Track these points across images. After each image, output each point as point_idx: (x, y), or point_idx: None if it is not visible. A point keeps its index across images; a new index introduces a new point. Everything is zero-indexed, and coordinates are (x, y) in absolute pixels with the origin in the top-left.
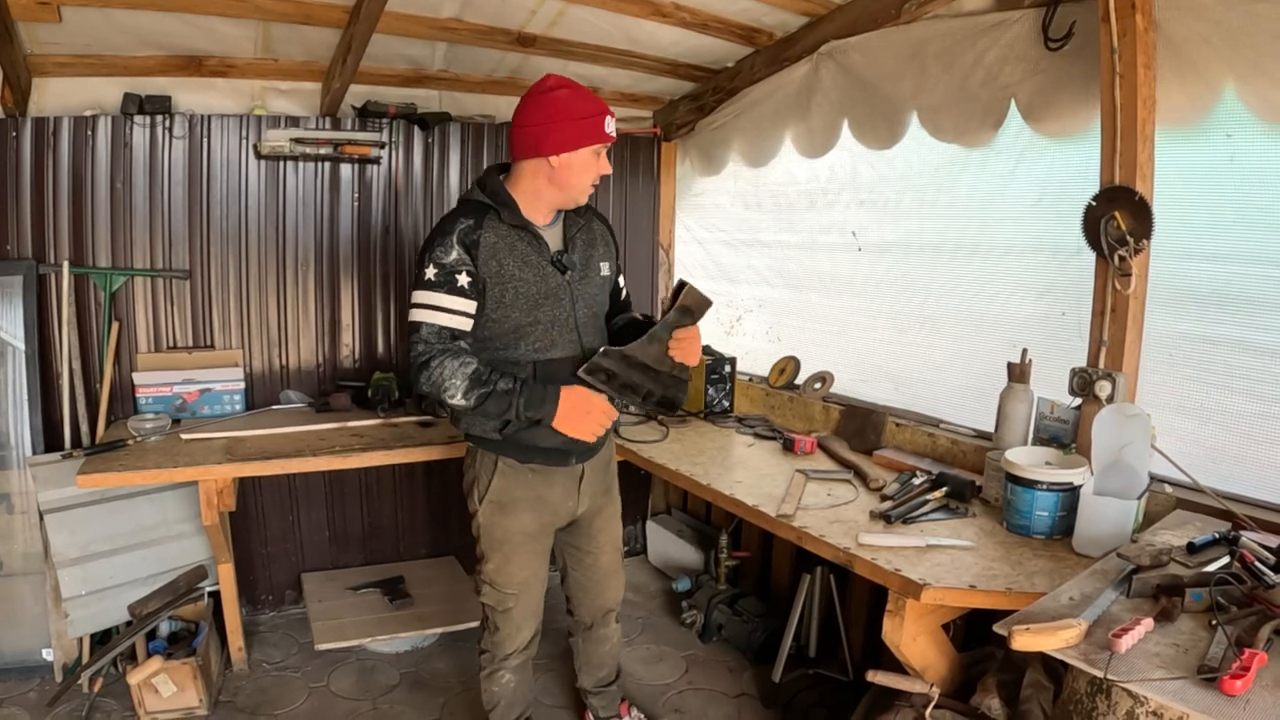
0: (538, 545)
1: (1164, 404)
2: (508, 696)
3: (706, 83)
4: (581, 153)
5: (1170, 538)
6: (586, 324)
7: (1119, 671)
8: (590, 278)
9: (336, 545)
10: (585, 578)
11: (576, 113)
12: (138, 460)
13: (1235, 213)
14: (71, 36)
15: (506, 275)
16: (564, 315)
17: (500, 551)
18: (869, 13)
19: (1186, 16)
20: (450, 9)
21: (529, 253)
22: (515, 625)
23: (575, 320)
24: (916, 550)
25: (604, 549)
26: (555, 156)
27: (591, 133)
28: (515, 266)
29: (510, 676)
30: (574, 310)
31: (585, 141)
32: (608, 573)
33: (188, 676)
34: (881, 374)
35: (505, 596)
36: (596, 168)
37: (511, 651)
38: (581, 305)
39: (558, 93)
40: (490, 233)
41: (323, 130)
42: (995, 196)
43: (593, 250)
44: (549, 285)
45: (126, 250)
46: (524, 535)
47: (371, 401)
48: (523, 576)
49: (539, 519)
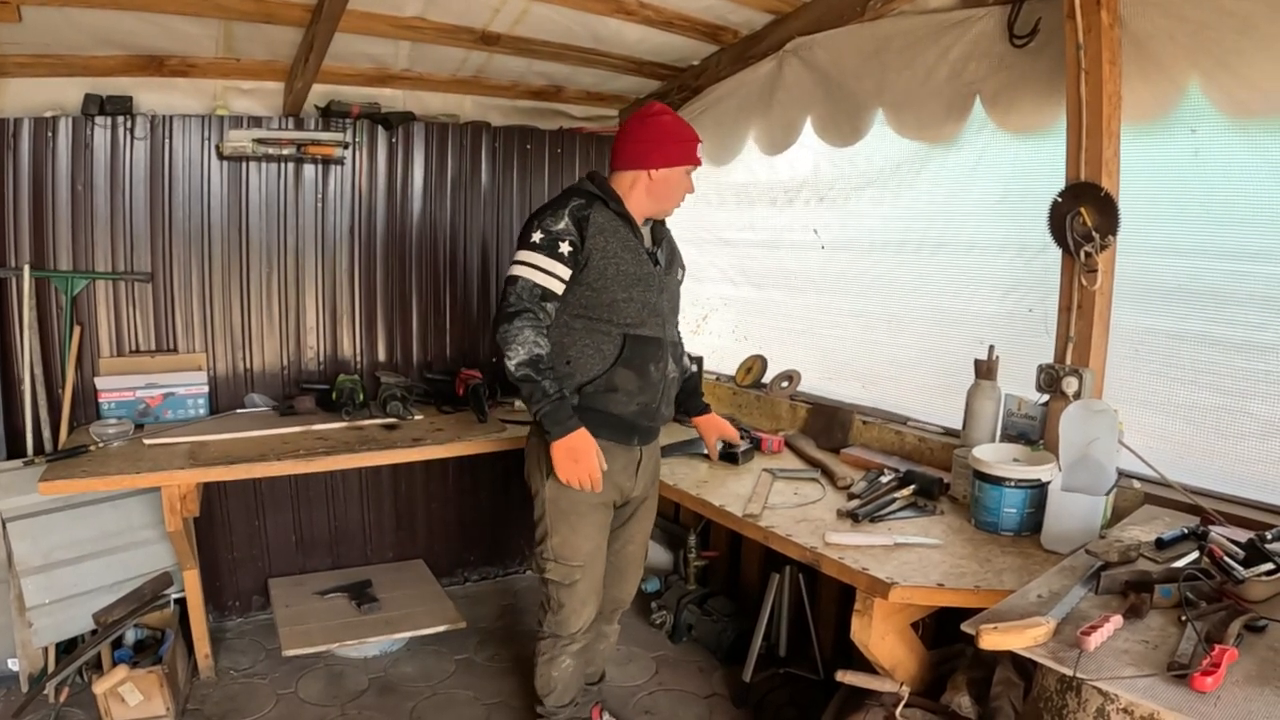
0: (601, 518)
1: (1131, 399)
2: (565, 681)
3: (672, 81)
4: (677, 170)
5: (1139, 533)
6: (669, 314)
7: (1088, 669)
8: (672, 276)
9: (303, 550)
10: (613, 563)
11: (677, 136)
12: (100, 466)
13: (1200, 208)
14: (31, 36)
15: (610, 253)
16: (653, 300)
17: (567, 522)
18: (834, 10)
19: (1151, 12)
20: (413, 8)
21: (630, 239)
22: (580, 600)
23: (661, 307)
24: (884, 549)
25: (635, 537)
26: (656, 170)
27: (688, 154)
28: (619, 248)
29: (570, 661)
30: (660, 298)
31: (683, 161)
32: (633, 561)
33: (154, 685)
34: (849, 372)
35: (572, 570)
36: (685, 186)
37: (576, 630)
38: (666, 296)
39: (663, 117)
40: (600, 215)
41: (286, 130)
42: (959, 193)
43: (674, 256)
44: (644, 270)
45: (88, 253)
46: (589, 505)
47: (336, 404)
48: (588, 549)
49: (605, 493)
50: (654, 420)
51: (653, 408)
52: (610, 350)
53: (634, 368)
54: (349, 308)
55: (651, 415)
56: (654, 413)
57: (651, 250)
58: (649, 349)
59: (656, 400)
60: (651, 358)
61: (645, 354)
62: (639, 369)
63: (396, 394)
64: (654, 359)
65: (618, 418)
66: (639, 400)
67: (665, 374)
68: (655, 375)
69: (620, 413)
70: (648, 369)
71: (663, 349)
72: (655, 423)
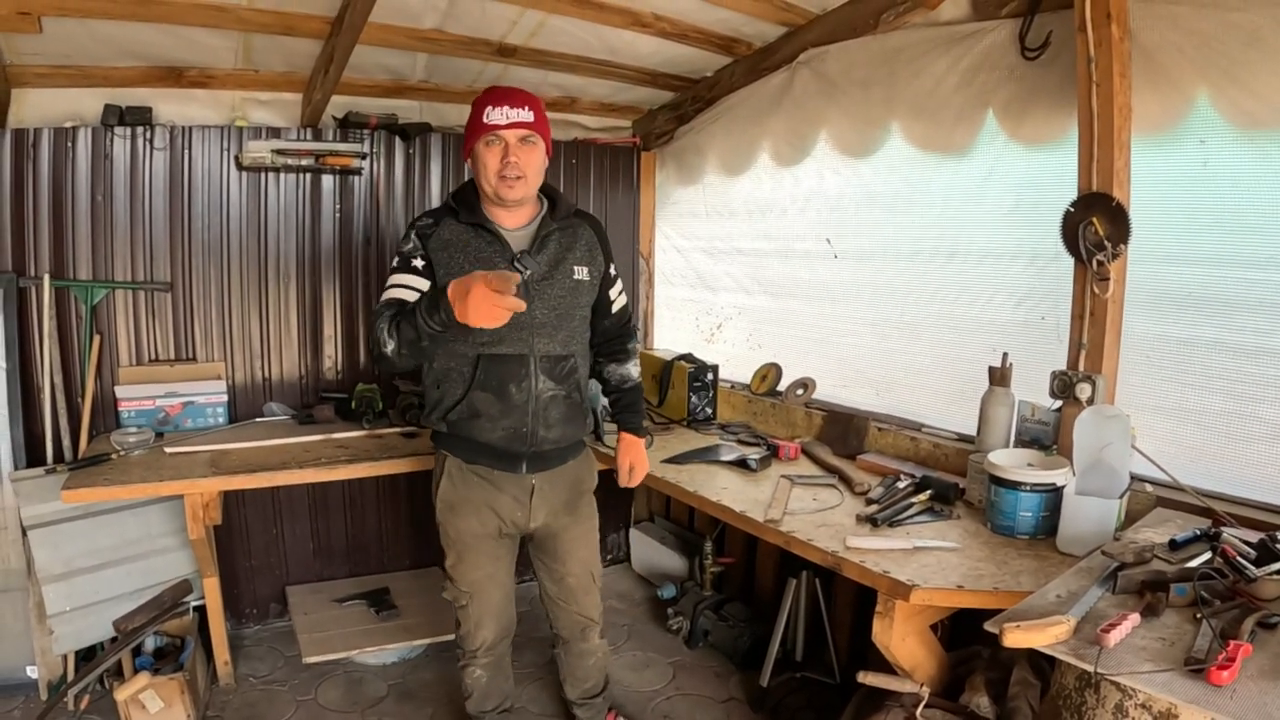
0: (489, 548)
1: (1143, 405)
2: (480, 689)
3: (686, 92)
4: (476, 149)
5: (1152, 535)
6: (544, 325)
7: (1108, 665)
8: (557, 280)
9: (321, 558)
10: (556, 592)
11: (471, 113)
12: (122, 474)
13: (1210, 216)
14: (51, 47)
15: (454, 267)
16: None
17: (454, 550)
18: (847, 23)
19: (1161, 26)
20: (432, 20)
21: (482, 248)
22: (473, 623)
23: (530, 320)
24: (903, 552)
25: (571, 570)
26: (467, 160)
27: (473, 126)
28: (465, 261)
29: (481, 672)
30: (528, 309)
31: (474, 137)
32: (576, 591)
33: (175, 692)
34: (863, 379)
35: (460, 594)
36: (493, 159)
37: (476, 649)
38: (540, 306)
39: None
40: (445, 230)
41: (304, 141)
42: (972, 203)
43: (568, 253)
44: None
45: (107, 263)
46: (473, 537)
47: (355, 413)
48: (474, 577)
49: (486, 524)
50: (533, 444)
51: (524, 431)
52: (467, 372)
53: (490, 389)
54: (366, 316)
55: (525, 439)
56: (527, 437)
57: (519, 255)
58: (507, 368)
59: (527, 423)
60: (511, 377)
61: (503, 374)
62: (496, 391)
63: (415, 402)
64: (514, 378)
65: (487, 444)
66: (503, 425)
67: (533, 393)
68: (518, 396)
69: (486, 439)
70: (507, 390)
71: (526, 366)
72: (539, 447)
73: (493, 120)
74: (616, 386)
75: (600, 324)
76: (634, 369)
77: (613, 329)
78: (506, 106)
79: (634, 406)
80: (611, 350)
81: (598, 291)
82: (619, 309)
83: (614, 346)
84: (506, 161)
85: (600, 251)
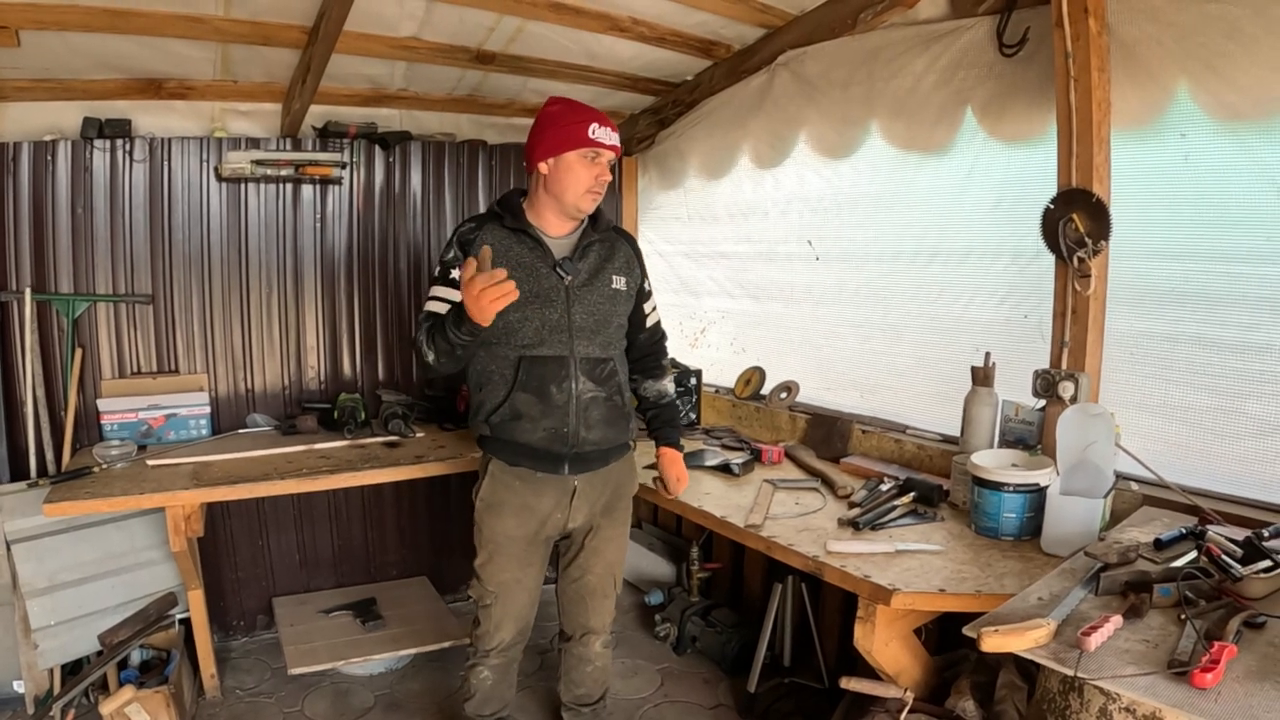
0: (522, 550)
1: (1127, 402)
2: (483, 692)
3: (666, 96)
4: (567, 158)
5: (1137, 534)
6: (584, 329)
7: (1089, 669)
8: (597, 287)
9: (307, 569)
10: (570, 590)
11: (562, 121)
12: (104, 488)
13: (1192, 210)
14: (30, 60)
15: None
16: (555, 317)
17: (486, 549)
18: (825, 23)
19: (1139, 19)
20: (408, 28)
21: (525, 254)
22: (494, 623)
23: (569, 323)
24: (885, 556)
25: (592, 569)
26: (544, 163)
27: (576, 137)
28: (509, 266)
29: (488, 674)
30: (568, 313)
31: (567, 146)
32: (592, 593)
33: (161, 705)
34: (847, 382)
35: (486, 593)
36: (586, 172)
37: (491, 649)
38: (580, 310)
39: (550, 108)
40: (488, 234)
41: (283, 151)
42: (953, 202)
43: (607, 263)
44: (542, 286)
45: (88, 276)
46: (507, 538)
47: (338, 423)
48: (503, 578)
49: (524, 526)
50: (575, 445)
51: (565, 432)
52: (509, 374)
53: (532, 390)
54: (349, 327)
55: (566, 440)
56: (569, 437)
57: (561, 261)
58: (548, 369)
59: (568, 423)
60: (552, 378)
61: (544, 375)
62: (538, 392)
63: (398, 412)
64: (555, 380)
65: (529, 446)
66: (544, 425)
67: (574, 394)
68: (559, 397)
69: (528, 440)
70: (548, 390)
71: (567, 368)
72: (580, 448)
73: (598, 138)
74: (654, 402)
75: (636, 337)
76: (669, 385)
77: (647, 344)
78: (609, 129)
79: (673, 421)
80: (646, 367)
81: (634, 302)
82: (653, 324)
83: (649, 363)
84: (600, 179)
85: (637, 265)
